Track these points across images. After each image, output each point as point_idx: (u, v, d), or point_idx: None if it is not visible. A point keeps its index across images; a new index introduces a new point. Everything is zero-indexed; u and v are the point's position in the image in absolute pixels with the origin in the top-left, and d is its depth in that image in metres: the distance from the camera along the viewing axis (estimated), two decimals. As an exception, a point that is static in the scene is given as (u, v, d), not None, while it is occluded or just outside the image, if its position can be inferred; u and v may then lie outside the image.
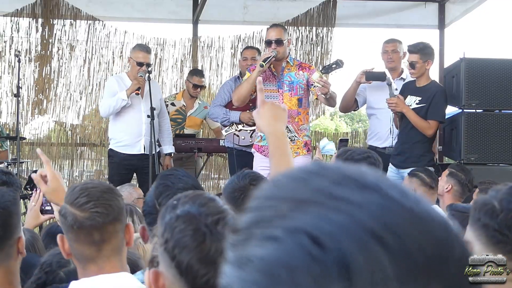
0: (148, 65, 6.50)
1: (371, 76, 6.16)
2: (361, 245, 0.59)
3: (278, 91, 5.92)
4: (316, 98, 6.15)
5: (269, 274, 0.61)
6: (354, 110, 6.88)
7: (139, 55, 6.51)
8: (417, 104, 5.94)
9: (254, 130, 6.65)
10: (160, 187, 2.72)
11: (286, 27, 8.98)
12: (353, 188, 0.63)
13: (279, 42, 5.86)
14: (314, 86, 5.82)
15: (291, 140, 5.83)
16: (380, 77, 6.12)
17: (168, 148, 6.91)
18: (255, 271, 0.61)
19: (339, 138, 6.09)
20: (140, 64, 6.48)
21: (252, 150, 6.17)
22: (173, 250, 1.60)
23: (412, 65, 5.95)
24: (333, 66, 6.90)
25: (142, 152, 6.51)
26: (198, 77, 7.67)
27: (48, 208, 3.63)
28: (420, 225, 0.62)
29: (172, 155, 7.02)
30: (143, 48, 6.66)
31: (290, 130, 5.87)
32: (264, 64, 5.71)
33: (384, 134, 6.40)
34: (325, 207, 0.62)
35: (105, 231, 2.20)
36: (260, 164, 6.01)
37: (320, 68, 7.30)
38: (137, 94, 6.41)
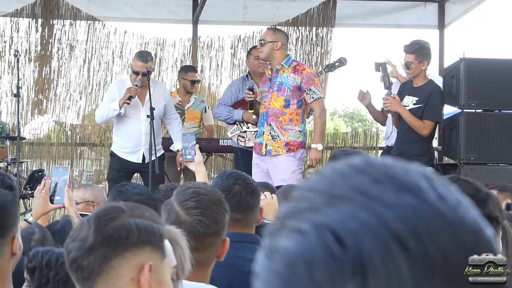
0: (145, 74, 6.36)
1: (376, 68, 6.22)
2: (381, 246, 0.60)
3: (269, 91, 6.10)
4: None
5: (290, 267, 0.62)
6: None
7: (136, 64, 6.42)
8: (414, 104, 5.94)
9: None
10: (115, 194, 2.84)
11: (286, 27, 9.01)
12: (390, 188, 0.63)
13: (261, 43, 6.13)
14: (307, 92, 6.00)
15: (272, 138, 6.00)
16: (376, 67, 6.18)
17: (180, 144, 6.84)
18: (279, 262, 0.63)
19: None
20: (136, 73, 6.42)
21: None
22: None
23: (407, 65, 5.94)
24: (336, 64, 6.92)
25: (141, 161, 6.50)
26: (193, 72, 7.79)
27: (58, 198, 3.60)
28: (449, 230, 0.62)
29: None
30: (140, 57, 6.47)
31: (273, 128, 6.00)
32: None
33: (388, 132, 6.43)
34: (357, 205, 0.62)
35: (202, 241, 2.16)
36: (255, 162, 6.10)
37: (324, 67, 7.31)
38: (128, 104, 6.32)
